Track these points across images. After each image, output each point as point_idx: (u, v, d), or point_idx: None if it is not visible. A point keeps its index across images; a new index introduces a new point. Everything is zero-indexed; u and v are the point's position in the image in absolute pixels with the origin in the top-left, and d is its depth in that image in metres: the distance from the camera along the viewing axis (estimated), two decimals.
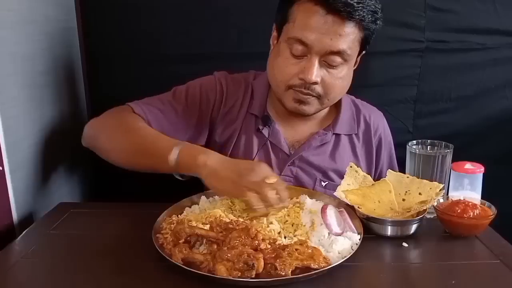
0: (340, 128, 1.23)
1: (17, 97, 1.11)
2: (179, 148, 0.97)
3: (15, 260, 0.85)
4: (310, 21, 1.03)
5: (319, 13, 1.02)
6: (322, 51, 1.05)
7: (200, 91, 1.20)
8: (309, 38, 1.03)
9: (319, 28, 1.03)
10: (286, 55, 1.08)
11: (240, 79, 1.25)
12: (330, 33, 1.03)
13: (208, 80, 1.23)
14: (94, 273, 0.82)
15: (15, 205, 1.07)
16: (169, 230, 0.89)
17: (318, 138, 1.21)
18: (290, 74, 1.08)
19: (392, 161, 1.32)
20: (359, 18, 1.03)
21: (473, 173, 1.02)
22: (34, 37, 1.19)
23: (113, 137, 1.07)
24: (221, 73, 1.25)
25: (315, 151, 1.21)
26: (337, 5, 1.01)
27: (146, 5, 1.48)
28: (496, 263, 0.85)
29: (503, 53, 1.55)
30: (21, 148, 1.11)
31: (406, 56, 1.55)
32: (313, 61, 1.06)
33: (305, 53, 1.06)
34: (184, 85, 1.22)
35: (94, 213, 1.07)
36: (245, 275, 0.76)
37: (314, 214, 0.94)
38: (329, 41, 1.03)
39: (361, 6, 1.02)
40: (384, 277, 0.82)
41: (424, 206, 0.93)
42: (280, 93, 1.13)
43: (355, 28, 1.05)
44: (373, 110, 1.31)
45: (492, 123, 1.61)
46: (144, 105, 1.15)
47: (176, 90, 1.21)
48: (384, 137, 1.29)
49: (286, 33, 1.08)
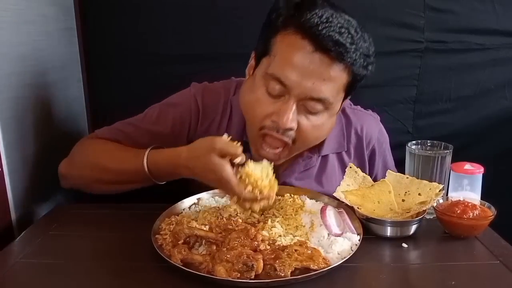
0: (327, 149, 1.13)
1: (16, 98, 1.10)
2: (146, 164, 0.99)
3: (14, 261, 0.85)
4: (293, 58, 0.91)
5: (305, 50, 0.90)
6: (301, 95, 0.93)
7: (173, 115, 1.12)
8: (290, 78, 0.91)
9: (303, 68, 0.90)
10: (261, 92, 0.96)
11: (219, 92, 1.14)
12: (314, 76, 0.91)
13: (183, 99, 1.14)
14: (93, 274, 0.82)
15: (13, 206, 1.06)
16: (168, 231, 0.89)
17: (302, 163, 1.12)
18: (263, 115, 0.96)
19: (387, 166, 1.22)
20: (349, 61, 0.91)
21: (472, 173, 1.02)
22: (32, 37, 1.19)
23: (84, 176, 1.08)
24: (198, 88, 1.14)
25: (299, 175, 1.12)
26: (328, 43, 0.89)
27: (145, 5, 1.48)
28: (496, 264, 0.84)
29: (503, 54, 1.55)
30: (19, 149, 1.11)
31: (405, 57, 1.55)
32: (290, 104, 0.93)
33: (282, 93, 0.94)
34: (157, 107, 1.15)
35: (93, 214, 1.06)
36: (245, 276, 0.76)
37: (314, 215, 0.94)
38: (311, 85, 0.91)
39: (354, 47, 0.91)
40: (384, 278, 0.82)
41: (423, 206, 0.93)
42: (252, 133, 1.02)
43: (342, 72, 0.93)
44: (366, 119, 1.20)
45: (491, 124, 1.61)
46: (108, 131, 1.13)
47: (147, 113, 1.15)
48: (378, 146, 1.20)
49: (264, 67, 0.96)
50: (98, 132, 1.15)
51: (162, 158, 1.00)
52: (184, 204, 1.03)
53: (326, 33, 0.89)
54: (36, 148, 1.19)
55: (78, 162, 1.10)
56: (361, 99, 1.33)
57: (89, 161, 1.09)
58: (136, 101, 1.20)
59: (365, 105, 1.32)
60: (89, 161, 1.08)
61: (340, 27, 0.90)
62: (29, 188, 1.14)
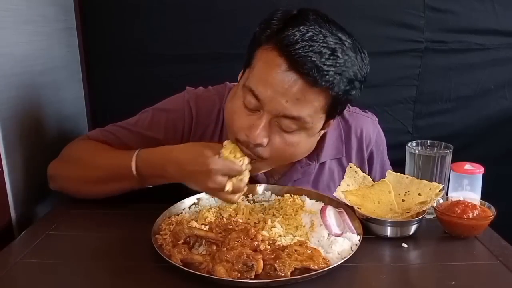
0: (325, 156, 1.11)
1: (15, 98, 1.10)
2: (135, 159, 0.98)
3: (14, 261, 0.85)
4: (267, 75, 0.88)
5: (281, 68, 0.86)
6: (274, 111, 0.89)
7: (165, 121, 1.10)
8: (263, 94, 0.88)
9: (276, 86, 0.87)
10: (239, 103, 0.94)
11: (213, 99, 1.12)
12: (287, 95, 0.87)
13: (176, 105, 1.12)
14: (92, 274, 0.81)
15: (13, 206, 1.06)
16: (168, 231, 0.89)
17: (301, 170, 1.10)
18: (239, 127, 0.93)
19: (384, 167, 1.21)
20: (325, 85, 0.86)
21: (472, 173, 1.02)
22: (32, 37, 1.19)
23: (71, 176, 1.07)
24: (191, 94, 1.13)
25: (296, 182, 1.11)
26: (304, 66, 0.84)
27: (145, 5, 1.49)
28: (496, 264, 0.84)
29: (502, 53, 1.56)
30: (19, 149, 1.11)
31: (405, 57, 1.55)
32: (262, 120, 0.90)
33: (257, 108, 0.91)
34: (150, 111, 1.13)
35: (92, 214, 1.06)
36: (244, 276, 0.76)
37: (314, 215, 0.94)
38: (284, 103, 0.88)
39: (333, 71, 0.86)
40: (384, 278, 0.82)
41: (423, 206, 0.93)
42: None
43: (318, 95, 0.89)
44: (364, 121, 1.17)
45: (491, 123, 1.61)
46: (101, 133, 1.12)
47: (140, 117, 1.13)
48: (376, 148, 1.19)
49: (244, 78, 0.94)
50: (90, 134, 1.14)
51: (154, 152, 0.99)
52: (184, 204, 1.03)
53: (303, 53, 0.84)
54: (36, 148, 1.18)
55: (66, 162, 1.09)
56: (361, 99, 1.33)
57: (77, 160, 1.08)
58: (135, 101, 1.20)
59: (365, 105, 1.32)
60: (77, 160, 1.07)
61: (324, 47, 0.86)
62: (29, 188, 1.14)
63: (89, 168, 1.05)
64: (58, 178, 1.10)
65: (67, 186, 1.09)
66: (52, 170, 1.10)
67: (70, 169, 1.08)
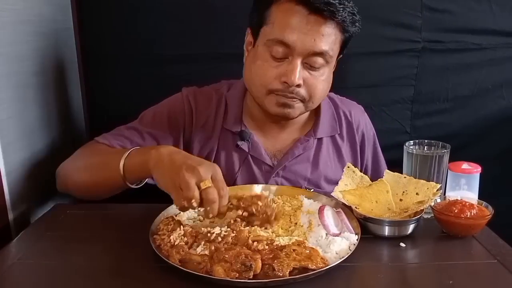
0: (321, 132, 1.20)
1: (13, 98, 1.10)
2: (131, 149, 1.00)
3: (11, 262, 0.85)
4: (291, 21, 1.00)
5: (301, 13, 1.00)
6: (304, 52, 1.02)
7: (167, 114, 1.16)
8: (291, 38, 1.00)
9: (301, 28, 1.00)
10: (265, 58, 1.05)
11: (210, 92, 1.20)
12: (313, 33, 1.01)
13: (175, 101, 1.19)
14: (91, 275, 0.81)
15: (11, 207, 1.06)
16: (166, 231, 0.89)
17: (301, 146, 1.18)
18: (271, 77, 1.04)
19: (377, 155, 1.30)
20: (341, 19, 1.01)
21: (470, 173, 1.02)
22: (29, 37, 1.19)
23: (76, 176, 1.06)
24: (189, 90, 1.20)
25: (298, 159, 1.18)
26: (320, 4, 0.98)
27: (143, 5, 1.48)
28: (493, 263, 0.85)
29: (500, 53, 1.56)
30: (17, 149, 1.10)
31: (402, 57, 1.56)
32: (296, 63, 1.02)
33: (286, 55, 1.03)
34: (151, 110, 1.18)
35: (90, 215, 1.06)
36: (243, 276, 0.76)
37: (312, 215, 0.94)
38: (312, 41, 1.01)
39: (342, 7, 1.00)
40: (382, 278, 0.82)
41: (421, 206, 0.93)
42: (262, 98, 1.09)
43: (336, 30, 1.03)
44: (353, 106, 1.29)
45: (489, 123, 1.61)
46: (109, 135, 1.13)
47: (143, 117, 1.18)
48: (367, 132, 1.27)
49: (264, 35, 1.05)
50: (98, 138, 1.13)
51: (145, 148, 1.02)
52: None
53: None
54: (34, 148, 1.18)
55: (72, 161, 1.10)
56: (359, 99, 1.34)
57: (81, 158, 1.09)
58: (133, 101, 1.20)
59: (363, 105, 1.33)
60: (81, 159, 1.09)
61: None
62: (26, 189, 1.13)
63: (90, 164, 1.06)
64: (63, 176, 1.09)
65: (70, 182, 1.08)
66: (59, 170, 1.11)
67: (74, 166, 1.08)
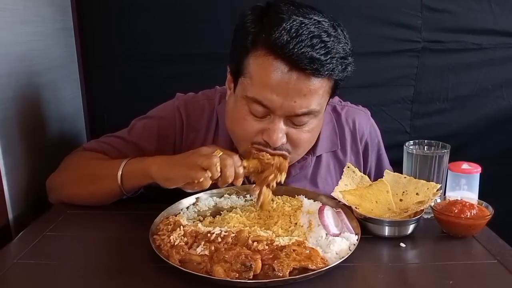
0: (321, 149, 1.12)
1: (13, 98, 1.10)
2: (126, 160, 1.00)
3: (11, 262, 0.85)
4: (270, 80, 0.89)
5: (280, 70, 0.88)
6: (286, 113, 0.92)
7: (157, 127, 1.12)
8: (271, 101, 0.90)
9: (282, 88, 0.89)
10: (245, 113, 0.95)
11: (203, 103, 1.13)
12: (294, 94, 0.89)
13: (167, 113, 1.13)
14: (90, 275, 0.81)
15: (11, 207, 1.06)
16: (166, 232, 0.89)
17: (298, 165, 1.11)
18: (253, 132, 0.95)
19: (381, 162, 1.23)
20: (328, 72, 0.89)
21: (470, 173, 1.02)
22: (29, 38, 1.19)
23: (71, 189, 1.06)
24: (180, 100, 1.14)
25: (294, 178, 1.11)
26: (302, 62, 0.86)
27: (142, 5, 1.48)
28: (494, 263, 0.85)
29: (500, 53, 1.56)
30: (16, 149, 1.10)
31: (402, 57, 1.56)
32: (276, 124, 0.93)
33: (267, 113, 0.93)
34: (142, 120, 1.14)
35: (90, 215, 1.06)
36: (243, 276, 0.76)
37: (312, 215, 0.94)
38: (293, 103, 0.90)
39: (329, 58, 0.88)
40: (382, 278, 0.82)
41: (421, 206, 0.93)
42: (244, 147, 0.99)
43: (321, 83, 0.91)
44: (357, 113, 1.19)
45: (489, 123, 1.62)
46: (96, 143, 1.13)
47: (133, 127, 1.14)
48: (371, 140, 1.20)
49: (243, 89, 0.94)
50: (86, 145, 1.15)
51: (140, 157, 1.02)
52: (182, 205, 1.02)
53: (299, 51, 0.86)
54: (34, 148, 1.18)
55: (63, 172, 1.10)
56: (359, 99, 1.34)
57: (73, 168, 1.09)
58: (132, 101, 1.20)
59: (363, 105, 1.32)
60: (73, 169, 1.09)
61: (312, 37, 0.87)
62: (26, 189, 1.13)
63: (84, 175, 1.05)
64: (56, 190, 1.10)
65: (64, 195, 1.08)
66: (50, 183, 1.10)
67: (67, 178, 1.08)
